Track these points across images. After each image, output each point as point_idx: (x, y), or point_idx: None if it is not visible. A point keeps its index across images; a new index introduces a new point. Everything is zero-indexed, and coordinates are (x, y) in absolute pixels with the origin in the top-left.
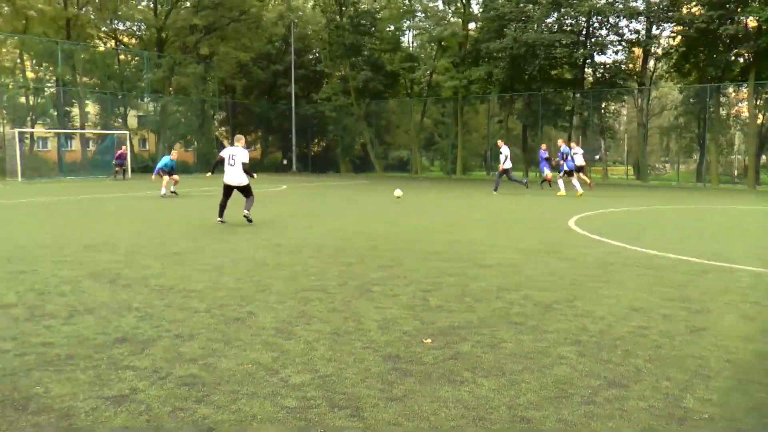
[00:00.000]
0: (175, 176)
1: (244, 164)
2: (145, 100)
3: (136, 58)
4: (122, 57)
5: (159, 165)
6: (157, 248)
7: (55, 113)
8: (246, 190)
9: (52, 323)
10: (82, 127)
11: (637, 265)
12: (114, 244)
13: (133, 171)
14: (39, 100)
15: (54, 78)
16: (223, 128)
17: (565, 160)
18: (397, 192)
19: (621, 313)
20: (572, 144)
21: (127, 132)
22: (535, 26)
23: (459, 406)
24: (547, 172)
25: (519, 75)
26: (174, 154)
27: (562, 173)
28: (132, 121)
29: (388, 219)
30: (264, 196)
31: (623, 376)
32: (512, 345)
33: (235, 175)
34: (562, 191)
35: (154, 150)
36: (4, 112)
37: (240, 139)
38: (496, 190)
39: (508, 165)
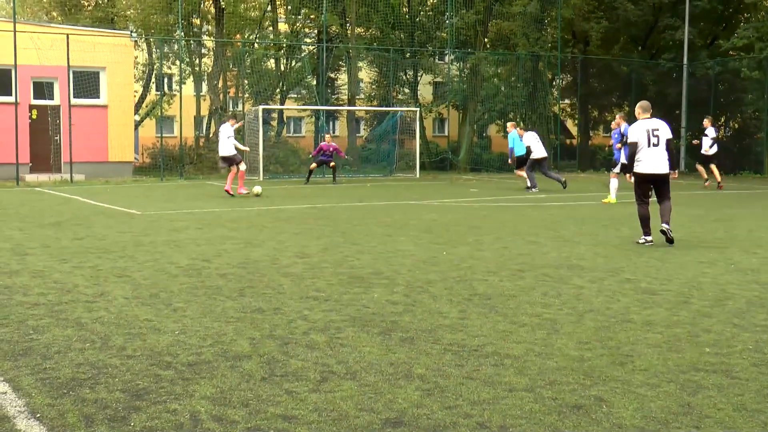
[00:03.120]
0: None
1: (669, 142)
2: (446, 58)
3: None
4: None
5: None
6: (453, 284)
7: (314, 82)
8: (667, 183)
9: (297, 388)
10: (352, 102)
11: None
12: (389, 275)
13: (423, 168)
14: (293, 64)
15: (315, 31)
16: (566, 100)
17: (624, 145)
18: (257, 189)
19: None
20: (705, 122)
21: (417, 108)
22: None
23: None
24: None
25: None
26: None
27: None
28: (425, 90)
29: None
30: (626, 208)
31: None
32: None
33: (661, 161)
34: (612, 197)
35: (455, 136)
36: (246, 82)
37: (648, 108)
38: (534, 187)
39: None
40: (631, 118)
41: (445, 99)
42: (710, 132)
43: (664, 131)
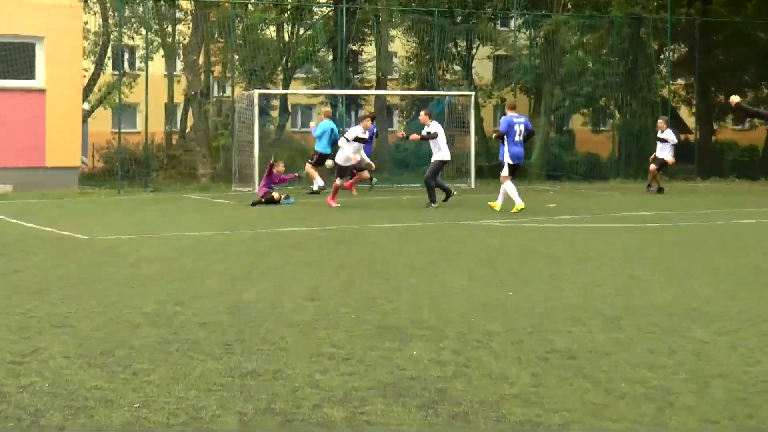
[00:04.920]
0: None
1: None
2: (512, 23)
3: None
4: None
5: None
6: (523, 337)
7: (330, 57)
8: None
9: None
10: (381, 84)
11: None
12: (434, 324)
13: (479, 175)
14: (301, 33)
15: None
16: (680, 80)
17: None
18: (328, 162)
19: None
20: (660, 122)
21: (472, 93)
22: None
23: None
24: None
25: None
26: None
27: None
28: (482, 68)
29: None
30: (756, 230)
31: None
32: None
33: None
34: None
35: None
36: (236, 58)
37: None
38: (434, 201)
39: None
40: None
41: (510, 79)
42: (670, 135)
43: None
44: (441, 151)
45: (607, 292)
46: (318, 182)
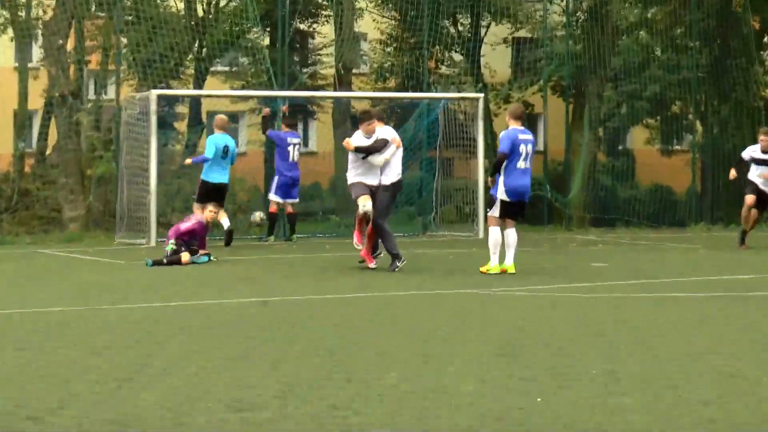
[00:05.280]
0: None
1: None
2: None
3: None
4: None
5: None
6: None
7: (266, 41)
8: None
9: None
10: (344, 83)
11: None
12: None
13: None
14: (221, 5)
15: None
16: (762, 69)
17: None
18: (255, 216)
19: None
20: (763, 136)
21: (480, 95)
22: None
23: None
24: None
25: None
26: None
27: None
28: (496, 58)
29: None
30: None
31: None
32: None
33: None
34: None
35: (558, 150)
36: (123, 42)
37: None
38: (398, 261)
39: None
40: None
41: (537, 75)
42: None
43: None
44: (391, 172)
45: (689, 395)
46: (226, 222)
